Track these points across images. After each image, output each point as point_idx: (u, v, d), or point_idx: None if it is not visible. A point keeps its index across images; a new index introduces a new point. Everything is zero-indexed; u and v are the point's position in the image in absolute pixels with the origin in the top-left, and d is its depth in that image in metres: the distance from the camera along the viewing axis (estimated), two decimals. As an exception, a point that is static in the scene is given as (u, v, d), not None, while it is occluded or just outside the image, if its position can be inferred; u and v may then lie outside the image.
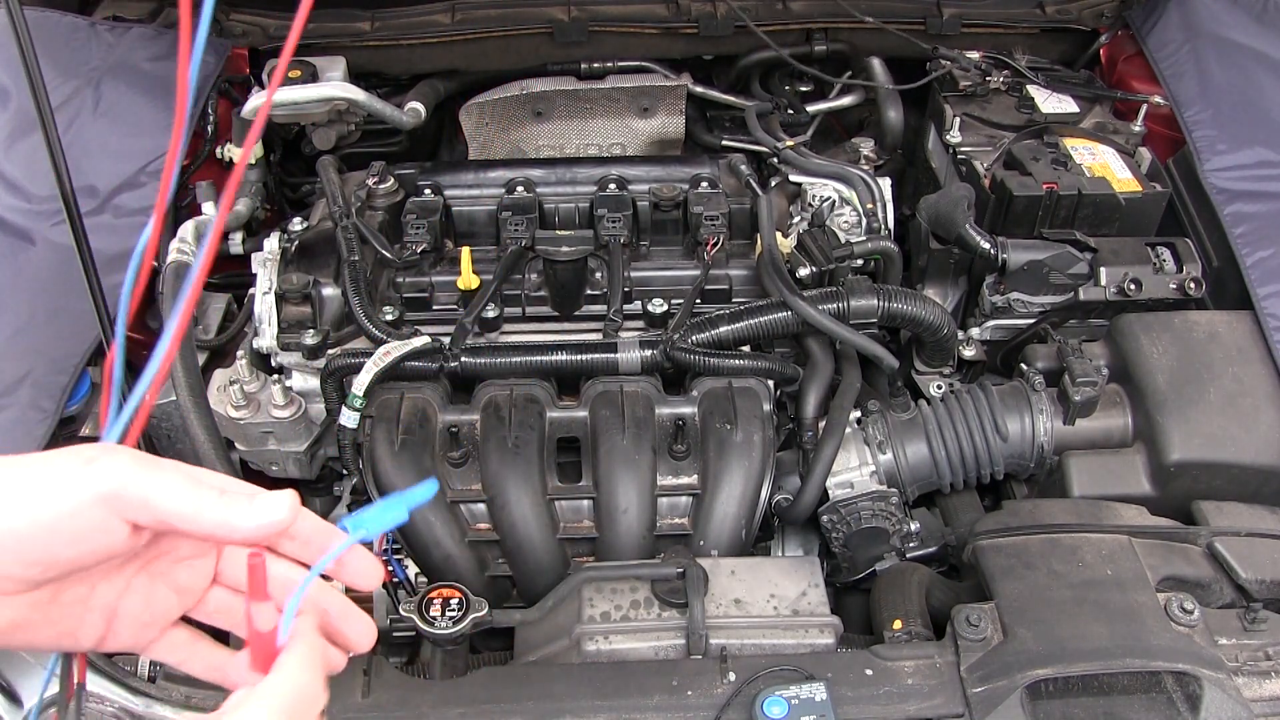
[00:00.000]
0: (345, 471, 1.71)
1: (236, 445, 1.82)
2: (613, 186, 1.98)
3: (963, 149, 2.14)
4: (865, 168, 2.06)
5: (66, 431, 1.71)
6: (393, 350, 1.64)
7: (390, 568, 1.73)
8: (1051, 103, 2.25)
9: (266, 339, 1.79)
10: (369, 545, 0.78)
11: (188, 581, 0.79)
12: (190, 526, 0.71)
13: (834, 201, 2.02)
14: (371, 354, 1.64)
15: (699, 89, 2.44)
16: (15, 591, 0.71)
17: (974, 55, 2.34)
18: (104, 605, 0.76)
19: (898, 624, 1.51)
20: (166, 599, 0.79)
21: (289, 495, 0.74)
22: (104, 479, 0.69)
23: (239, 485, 0.74)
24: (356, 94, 2.04)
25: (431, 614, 1.43)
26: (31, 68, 1.28)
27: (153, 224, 0.75)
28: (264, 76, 2.08)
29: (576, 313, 1.87)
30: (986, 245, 1.87)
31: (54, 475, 0.69)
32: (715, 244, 1.88)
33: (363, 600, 1.74)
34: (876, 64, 2.38)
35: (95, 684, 1.33)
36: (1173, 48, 2.22)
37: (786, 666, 1.34)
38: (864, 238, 1.90)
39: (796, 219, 2.02)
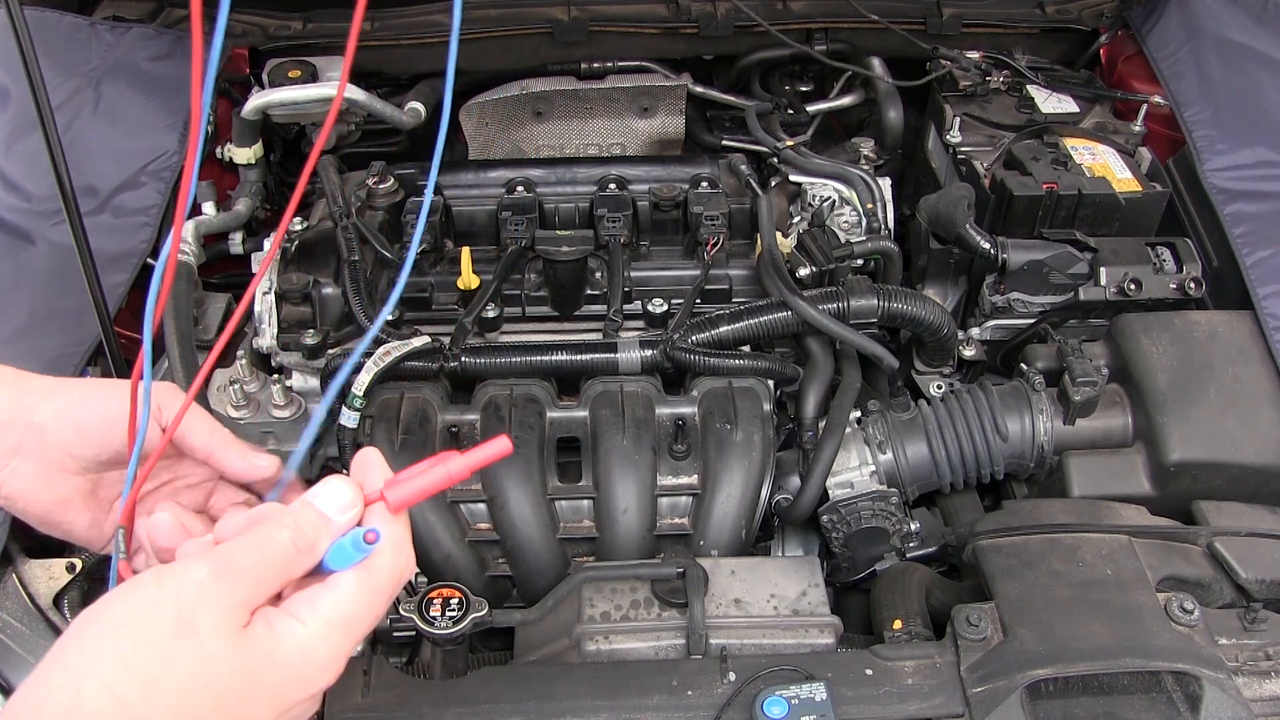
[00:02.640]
0: (345, 471, 1.70)
1: (236, 445, 1.82)
2: (613, 186, 1.98)
3: (963, 149, 2.14)
4: (865, 168, 2.06)
5: (66, 431, 1.71)
6: (393, 350, 1.63)
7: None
8: (1051, 103, 2.25)
9: (266, 339, 1.79)
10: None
11: (187, 502, 1.03)
12: (199, 453, 0.99)
13: (834, 201, 2.02)
14: (372, 354, 1.64)
15: (699, 89, 2.44)
16: (75, 471, 0.94)
17: (974, 55, 2.34)
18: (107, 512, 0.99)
19: (898, 624, 1.51)
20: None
21: (273, 461, 1.03)
22: (153, 397, 0.90)
23: (243, 443, 1.03)
24: (356, 94, 2.04)
25: (431, 614, 1.43)
26: (32, 68, 1.28)
27: (170, 246, 0.86)
28: (264, 76, 2.08)
29: (576, 313, 1.87)
30: (986, 245, 1.87)
31: (117, 388, 0.93)
32: (715, 244, 1.88)
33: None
34: (877, 64, 2.38)
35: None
36: (1173, 48, 2.22)
37: (786, 666, 1.34)
38: (864, 238, 1.90)
39: (796, 219, 2.02)
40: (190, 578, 0.72)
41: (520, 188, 1.99)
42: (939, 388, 2.03)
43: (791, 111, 2.40)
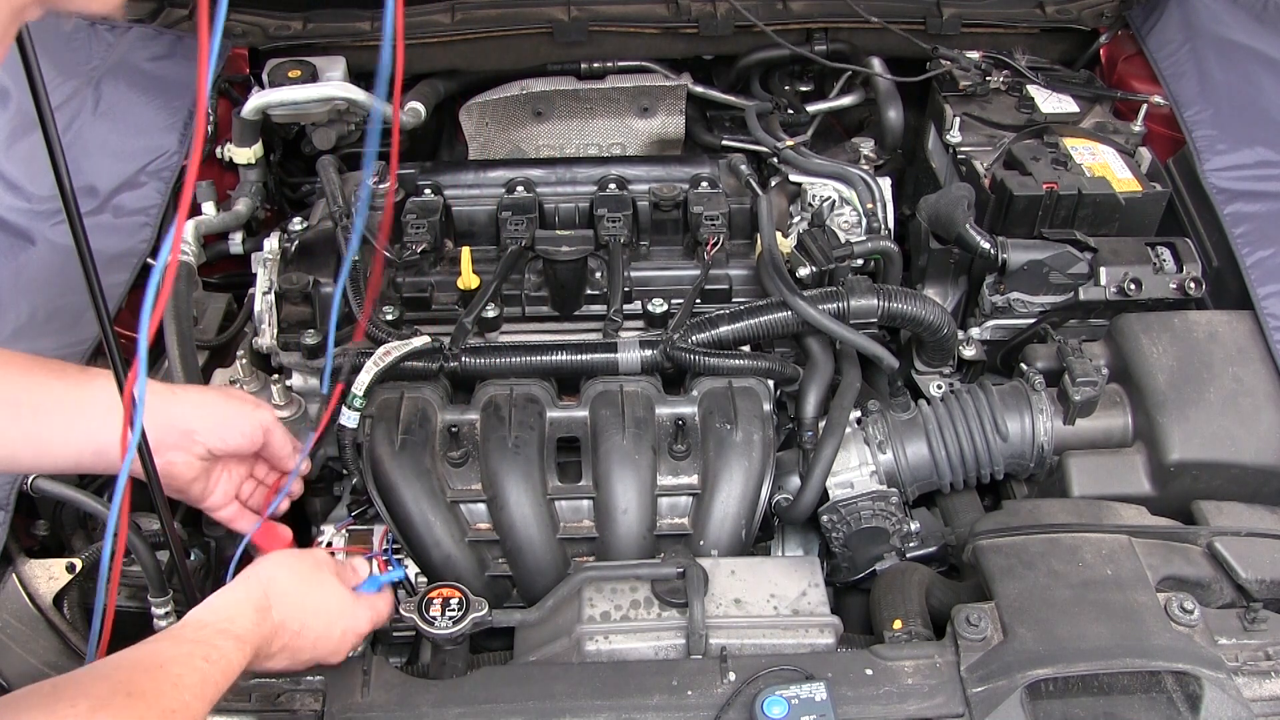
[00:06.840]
0: (345, 471, 1.70)
1: (236, 445, 1.82)
2: (613, 186, 1.98)
3: (963, 149, 2.14)
4: (865, 168, 2.06)
5: (66, 431, 1.71)
6: (393, 350, 1.63)
7: (390, 568, 1.73)
8: (1051, 103, 2.25)
9: (266, 339, 1.79)
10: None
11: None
12: (279, 459, 1.53)
13: (834, 201, 2.02)
14: (371, 354, 1.64)
15: (699, 89, 2.44)
16: (204, 459, 1.42)
17: (974, 55, 2.34)
18: (213, 483, 1.48)
19: (898, 624, 1.51)
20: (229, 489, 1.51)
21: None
22: (265, 418, 1.47)
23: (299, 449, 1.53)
24: (356, 94, 2.04)
25: (431, 614, 1.43)
26: (32, 68, 1.27)
27: (170, 248, 0.88)
28: (264, 76, 2.08)
29: (576, 313, 1.87)
30: (986, 245, 1.87)
31: (243, 408, 1.46)
32: (715, 244, 1.87)
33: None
34: (877, 64, 2.38)
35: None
36: (1173, 48, 2.22)
37: (786, 666, 1.34)
38: (864, 238, 1.90)
39: (796, 219, 2.02)
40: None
41: (520, 188, 1.99)
42: (939, 388, 2.03)
43: (791, 111, 2.40)
